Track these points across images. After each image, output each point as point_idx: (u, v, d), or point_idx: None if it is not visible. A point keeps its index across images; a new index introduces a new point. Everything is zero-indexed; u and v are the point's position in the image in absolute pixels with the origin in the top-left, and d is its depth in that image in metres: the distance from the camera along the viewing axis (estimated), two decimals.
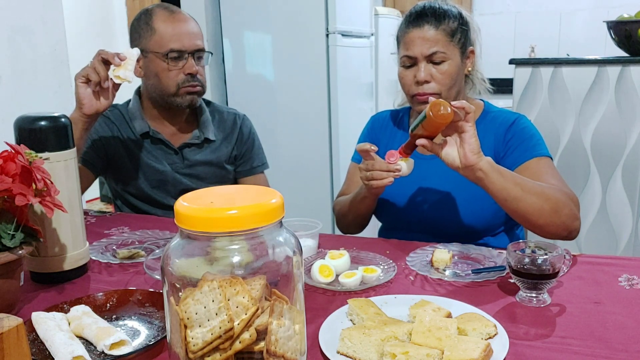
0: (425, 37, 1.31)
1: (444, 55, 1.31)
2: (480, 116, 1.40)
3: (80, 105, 1.35)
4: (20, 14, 1.90)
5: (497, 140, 1.35)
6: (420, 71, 1.32)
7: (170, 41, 1.52)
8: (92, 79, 1.33)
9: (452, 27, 1.33)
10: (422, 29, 1.32)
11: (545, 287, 0.93)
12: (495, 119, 1.39)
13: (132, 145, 1.63)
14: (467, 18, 1.38)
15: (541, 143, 1.33)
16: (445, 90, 1.33)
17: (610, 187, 2.42)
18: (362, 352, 0.76)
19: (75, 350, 0.76)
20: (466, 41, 1.36)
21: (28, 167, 0.90)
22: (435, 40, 1.31)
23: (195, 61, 1.56)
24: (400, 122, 1.52)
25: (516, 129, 1.34)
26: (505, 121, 1.37)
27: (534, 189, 1.12)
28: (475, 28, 1.40)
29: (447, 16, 1.33)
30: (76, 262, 1.10)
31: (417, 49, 1.32)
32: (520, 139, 1.33)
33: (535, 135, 1.34)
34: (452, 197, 1.36)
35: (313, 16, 2.85)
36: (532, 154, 1.29)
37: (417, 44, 1.32)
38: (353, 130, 3.11)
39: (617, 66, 2.32)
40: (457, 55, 1.34)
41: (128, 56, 1.35)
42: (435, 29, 1.31)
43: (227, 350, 0.64)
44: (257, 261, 0.67)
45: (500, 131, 1.36)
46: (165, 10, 1.56)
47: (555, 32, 4.56)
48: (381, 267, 1.10)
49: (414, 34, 1.32)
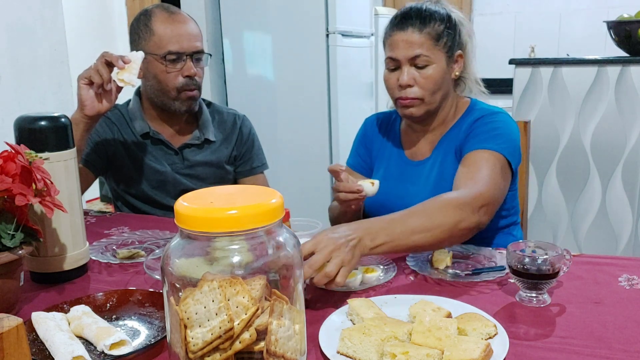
0: (409, 40, 1.29)
1: (427, 59, 1.29)
2: (462, 115, 1.38)
3: (82, 107, 1.35)
4: (20, 13, 1.90)
5: (465, 132, 1.33)
6: (403, 74, 1.30)
7: (168, 43, 1.51)
8: (95, 81, 1.32)
9: (437, 31, 1.30)
10: (405, 32, 1.29)
11: (545, 287, 0.93)
12: (473, 113, 1.36)
13: (132, 146, 1.63)
14: (457, 20, 1.34)
15: (500, 140, 1.25)
16: (429, 95, 1.31)
17: (610, 187, 2.42)
18: (362, 352, 0.76)
19: (75, 350, 0.76)
20: (453, 45, 1.33)
21: (28, 167, 0.90)
22: (419, 44, 1.29)
23: (194, 63, 1.55)
24: (393, 123, 1.51)
25: (485, 120, 1.31)
26: (480, 114, 1.33)
27: (418, 227, 1.03)
28: (466, 30, 1.37)
29: (432, 19, 1.30)
30: (76, 262, 1.10)
31: (400, 52, 1.30)
32: (482, 130, 1.29)
33: (500, 130, 1.28)
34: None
35: (313, 16, 2.85)
36: (484, 145, 1.24)
37: (401, 47, 1.30)
38: (353, 130, 3.09)
39: (617, 66, 2.32)
40: (442, 60, 1.31)
41: (132, 59, 1.34)
42: (419, 32, 1.29)
43: (227, 350, 0.64)
44: (257, 261, 0.67)
45: (469, 122, 1.33)
46: (164, 11, 1.56)
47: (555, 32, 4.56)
48: (381, 267, 1.10)
49: (397, 36, 1.31)
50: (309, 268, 0.90)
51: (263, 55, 3.03)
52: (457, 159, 1.33)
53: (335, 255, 0.91)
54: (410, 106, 1.33)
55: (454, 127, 1.38)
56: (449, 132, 1.38)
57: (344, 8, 2.92)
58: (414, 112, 1.33)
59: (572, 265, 0.99)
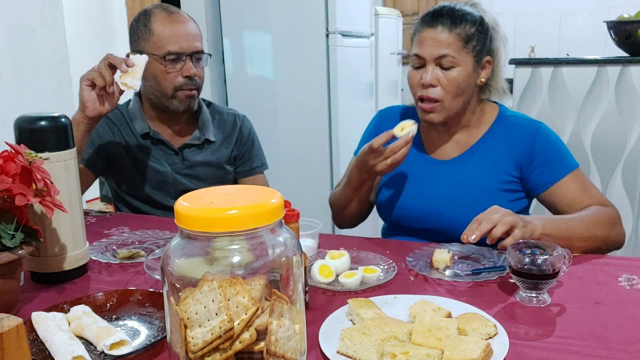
0: (437, 39, 1.25)
1: (453, 60, 1.25)
2: (495, 121, 1.36)
3: (84, 108, 1.35)
4: (20, 13, 1.90)
5: (519, 152, 1.30)
6: (427, 73, 1.26)
7: (167, 43, 1.51)
8: (98, 83, 1.32)
9: (467, 33, 1.25)
10: (434, 30, 1.25)
11: (545, 287, 0.93)
12: (512, 127, 1.33)
13: (132, 146, 1.63)
14: (490, 25, 1.31)
15: (567, 153, 1.30)
16: (450, 99, 1.28)
17: (610, 187, 2.42)
18: (362, 352, 0.76)
19: (75, 350, 0.76)
20: (483, 49, 1.29)
21: (28, 167, 0.90)
22: (447, 44, 1.25)
23: (194, 63, 1.55)
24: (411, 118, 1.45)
25: (542, 144, 1.29)
26: (527, 133, 1.31)
27: (583, 234, 1.16)
28: (499, 37, 1.33)
29: (464, 20, 1.26)
30: (76, 262, 1.10)
31: (426, 50, 1.26)
32: (549, 155, 1.28)
33: (560, 145, 1.30)
34: (460, 204, 1.31)
35: (313, 16, 2.85)
36: (564, 171, 1.27)
37: (428, 44, 1.26)
38: (353, 130, 3.11)
39: (617, 66, 2.32)
40: (469, 63, 1.27)
41: (136, 63, 1.34)
42: (448, 31, 1.25)
43: (227, 350, 0.64)
44: (257, 261, 0.67)
45: (522, 143, 1.30)
46: (163, 11, 1.55)
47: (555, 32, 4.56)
48: (381, 267, 1.10)
49: (426, 33, 1.27)
50: (475, 222, 1.03)
51: (263, 55, 3.03)
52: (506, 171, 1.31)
53: (509, 218, 1.03)
54: (431, 112, 1.30)
55: (490, 133, 1.35)
56: (485, 138, 1.35)
57: (344, 8, 2.91)
58: (434, 117, 1.30)
59: (572, 265, 0.99)
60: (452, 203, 1.32)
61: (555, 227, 1.13)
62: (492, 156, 1.33)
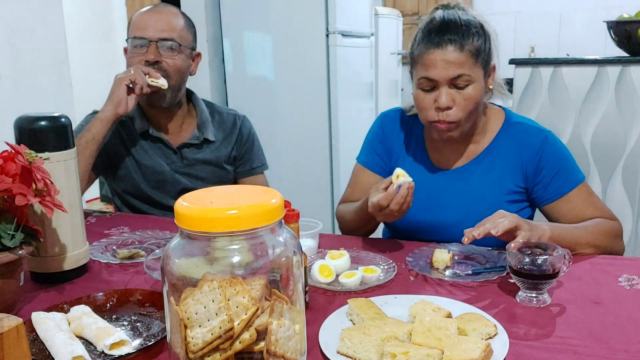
0: (449, 60, 1.16)
1: (469, 78, 1.17)
2: (502, 127, 1.32)
3: (118, 105, 1.45)
4: (20, 14, 1.90)
5: (524, 161, 1.27)
6: (441, 96, 1.18)
7: (136, 28, 1.54)
8: (139, 82, 1.45)
9: (476, 46, 1.18)
10: (444, 51, 1.16)
11: (545, 287, 0.93)
12: (519, 134, 1.29)
13: (132, 144, 1.63)
14: (487, 27, 1.24)
15: (574, 165, 1.27)
16: (467, 117, 1.21)
17: (610, 187, 2.42)
18: (362, 352, 0.76)
19: (75, 350, 0.76)
20: (489, 58, 1.23)
21: (28, 167, 0.90)
22: (460, 63, 1.16)
23: (162, 51, 1.53)
24: (413, 126, 1.40)
25: (549, 156, 1.26)
26: (533, 141, 1.27)
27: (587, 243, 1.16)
28: (494, 35, 1.26)
29: (470, 33, 1.18)
30: (76, 262, 1.10)
31: (439, 73, 1.17)
32: (556, 167, 1.25)
33: (567, 157, 1.28)
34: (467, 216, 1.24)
35: (313, 16, 2.85)
36: (571, 184, 1.25)
37: (440, 66, 1.16)
38: (353, 131, 3.12)
39: (617, 66, 2.32)
40: (481, 77, 1.21)
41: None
42: (459, 50, 1.16)
43: (227, 350, 0.64)
44: (257, 261, 0.67)
45: (528, 152, 1.27)
46: (150, 6, 1.60)
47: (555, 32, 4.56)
48: (381, 267, 1.10)
49: (435, 55, 1.17)
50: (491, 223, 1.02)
51: (263, 55, 3.03)
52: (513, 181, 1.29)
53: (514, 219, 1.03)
54: (448, 131, 1.23)
55: (497, 142, 1.31)
56: (492, 147, 1.31)
57: (344, 8, 2.92)
58: (453, 135, 1.24)
59: (572, 265, 0.99)
60: (460, 215, 1.28)
61: (561, 233, 1.12)
62: (498, 166, 1.30)
